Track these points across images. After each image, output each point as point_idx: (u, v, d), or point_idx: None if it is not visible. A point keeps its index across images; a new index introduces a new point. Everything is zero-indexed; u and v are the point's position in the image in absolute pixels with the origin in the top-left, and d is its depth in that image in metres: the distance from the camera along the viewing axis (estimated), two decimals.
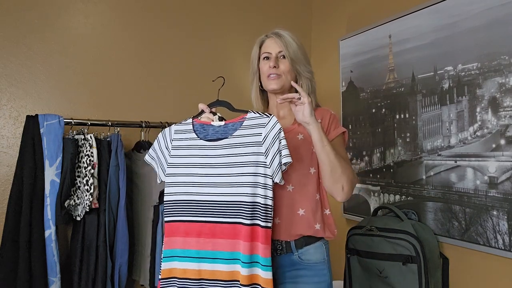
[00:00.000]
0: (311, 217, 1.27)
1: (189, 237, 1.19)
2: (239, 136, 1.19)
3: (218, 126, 1.23)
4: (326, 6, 2.52)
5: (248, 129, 1.20)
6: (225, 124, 1.23)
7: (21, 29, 1.92)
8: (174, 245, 1.20)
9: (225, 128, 1.22)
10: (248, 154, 1.17)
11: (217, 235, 1.16)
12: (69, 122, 1.84)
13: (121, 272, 1.79)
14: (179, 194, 1.21)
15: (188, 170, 1.21)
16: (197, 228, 1.18)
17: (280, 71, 1.33)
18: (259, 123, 1.20)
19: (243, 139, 1.19)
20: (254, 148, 1.17)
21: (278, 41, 1.34)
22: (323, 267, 1.29)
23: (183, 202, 1.20)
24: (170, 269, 1.19)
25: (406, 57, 1.86)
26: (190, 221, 1.19)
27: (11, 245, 1.65)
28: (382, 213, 1.90)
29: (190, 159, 1.22)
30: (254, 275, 1.15)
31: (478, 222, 1.53)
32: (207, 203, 1.18)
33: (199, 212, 1.19)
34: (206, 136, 1.23)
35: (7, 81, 1.89)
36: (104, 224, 1.77)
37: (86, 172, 1.74)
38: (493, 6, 1.49)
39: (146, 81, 2.18)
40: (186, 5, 2.29)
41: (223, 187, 1.16)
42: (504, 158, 1.46)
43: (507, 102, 1.46)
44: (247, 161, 1.16)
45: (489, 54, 1.50)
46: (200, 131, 1.24)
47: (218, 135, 1.22)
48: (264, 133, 1.18)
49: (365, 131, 2.12)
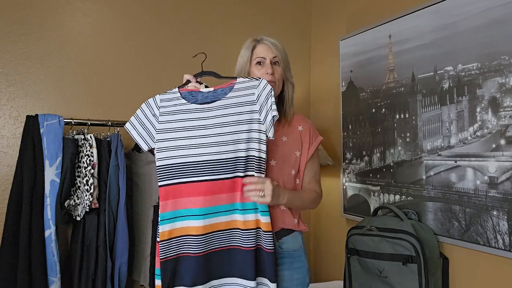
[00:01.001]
0: (291, 212, 1.41)
1: (193, 196, 1.24)
2: (232, 97, 1.27)
3: (207, 92, 1.29)
4: (326, 6, 2.52)
5: (240, 91, 1.28)
6: (214, 90, 1.29)
7: (20, 28, 1.92)
8: (176, 206, 1.24)
9: (215, 93, 1.28)
10: (242, 113, 1.25)
11: (217, 191, 1.24)
12: (69, 122, 1.84)
13: (121, 272, 1.79)
14: (175, 158, 1.24)
15: (182, 134, 1.25)
16: (200, 187, 1.23)
17: (275, 78, 1.41)
18: (250, 85, 1.28)
19: (236, 99, 1.26)
20: (248, 107, 1.25)
21: (272, 47, 1.41)
22: (301, 254, 1.42)
23: (180, 164, 1.24)
24: (171, 230, 1.24)
25: (406, 57, 1.86)
26: (192, 181, 1.24)
27: (11, 245, 1.65)
28: (382, 213, 1.90)
29: (182, 122, 1.26)
30: (254, 220, 1.26)
31: (478, 222, 1.53)
32: (205, 163, 1.23)
33: (199, 172, 1.23)
34: (195, 101, 1.28)
35: (6, 80, 1.89)
36: (104, 224, 1.77)
37: (86, 172, 1.74)
38: (493, 6, 1.49)
39: (146, 81, 2.17)
40: (186, 4, 2.29)
41: (220, 146, 1.23)
42: (504, 158, 1.46)
43: (507, 102, 1.46)
44: (241, 119, 1.24)
45: (489, 54, 1.50)
46: (189, 98, 1.29)
47: (208, 100, 1.28)
48: (257, 93, 1.26)
49: (365, 131, 2.12)
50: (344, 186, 2.27)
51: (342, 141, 2.28)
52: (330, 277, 2.40)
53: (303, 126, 1.48)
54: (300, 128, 1.47)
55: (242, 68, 1.44)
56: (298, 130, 1.47)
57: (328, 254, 2.45)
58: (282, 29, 2.55)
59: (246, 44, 1.46)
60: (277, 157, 1.41)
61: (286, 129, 1.47)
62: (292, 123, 1.48)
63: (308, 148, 1.45)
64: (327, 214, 2.46)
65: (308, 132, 1.47)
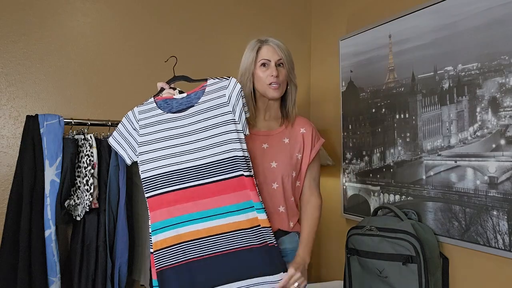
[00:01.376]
0: (287, 215, 1.42)
1: (182, 203, 1.24)
2: (204, 102, 1.27)
3: (181, 98, 1.30)
4: (326, 6, 2.52)
5: (212, 93, 1.28)
6: (188, 95, 1.30)
7: (20, 28, 1.92)
8: (166, 215, 1.25)
9: (188, 99, 1.29)
10: (217, 116, 1.26)
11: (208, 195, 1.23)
12: (69, 122, 1.84)
13: (121, 272, 1.79)
14: (157, 168, 1.26)
15: (162, 144, 1.27)
16: (188, 193, 1.24)
17: (280, 80, 1.41)
18: (221, 86, 1.28)
19: (209, 103, 1.27)
20: (221, 109, 1.26)
21: (277, 49, 1.42)
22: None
23: (163, 174, 1.25)
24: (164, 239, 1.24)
25: (406, 57, 1.86)
26: (178, 189, 1.25)
27: (11, 245, 1.65)
28: (382, 213, 1.90)
29: (161, 133, 1.28)
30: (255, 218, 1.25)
31: (478, 222, 1.53)
32: (188, 170, 1.24)
33: (184, 179, 1.24)
34: (171, 109, 1.29)
35: (6, 80, 1.89)
36: (104, 224, 1.77)
37: (86, 172, 1.74)
38: (493, 6, 1.49)
39: (146, 81, 2.17)
40: (186, 4, 2.29)
41: (201, 151, 1.24)
42: (504, 158, 1.46)
43: (507, 102, 1.46)
44: (218, 122, 1.25)
45: (489, 54, 1.50)
46: (164, 106, 1.30)
47: (183, 106, 1.29)
48: (228, 93, 1.27)
49: (365, 131, 2.12)
50: (344, 186, 2.27)
51: (342, 141, 2.28)
52: (330, 277, 2.40)
53: (306, 128, 1.48)
54: (303, 130, 1.48)
55: (246, 69, 1.44)
56: (300, 132, 1.48)
57: (328, 254, 2.45)
58: (282, 29, 2.55)
59: (251, 45, 1.45)
60: (278, 159, 1.41)
61: (289, 130, 1.47)
62: (294, 125, 1.48)
63: (310, 150, 1.46)
64: (327, 214, 2.45)
65: (311, 134, 1.48)
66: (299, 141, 1.46)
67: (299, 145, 1.46)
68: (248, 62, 1.44)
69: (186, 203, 1.24)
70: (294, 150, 1.45)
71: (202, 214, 1.23)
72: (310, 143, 1.46)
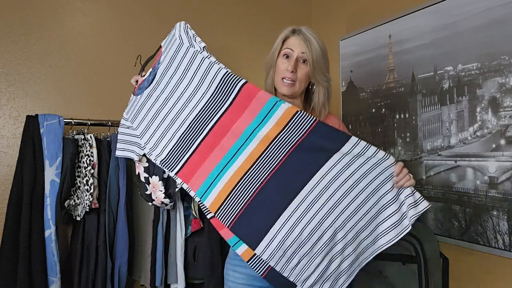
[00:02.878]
0: None
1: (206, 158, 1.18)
2: (164, 61, 1.24)
3: (148, 74, 1.30)
4: (326, 6, 2.52)
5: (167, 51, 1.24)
6: (152, 68, 1.30)
7: (20, 28, 1.92)
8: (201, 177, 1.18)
9: (153, 70, 1.28)
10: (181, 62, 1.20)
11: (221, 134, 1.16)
12: (69, 122, 1.84)
13: (121, 272, 1.79)
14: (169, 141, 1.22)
15: (158, 120, 1.24)
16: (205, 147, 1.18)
17: (295, 76, 1.29)
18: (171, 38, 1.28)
19: (168, 57, 1.24)
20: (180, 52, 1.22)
21: (305, 43, 1.28)
22: None
23: (176, 143, 1.21)
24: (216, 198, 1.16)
25: (406, 57, 1.86)
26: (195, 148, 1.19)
27: (11, 245, 1.65)
28: None
29: (150, 113, 1.26)
30: (279, 117, 1.13)
31: (478, 222, 1.53)
32: (193, 123, 1.19)
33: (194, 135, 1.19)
34: (146, 88, 1.29)
35: (6, 80, 1.89)
36: (104, 224, 1.77)
37: (86, 172, 1.74)
38: (493, 6, 1.49)
39: None
40: (186, 4, 2.29)
41: (191, 101, 1.18)
42: (504, 158, 1.46)
43: (507, 102, 1.46)
44: (185, 67, 1.19)
45: (489, 54, 1.50)
46: (141, 91, 1.30)
47: (151, 78, 1.27)
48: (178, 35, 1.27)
49: (365, 131, 2.12)
50: None
51: None
52: None
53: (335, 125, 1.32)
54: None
55: (270, 58, 1.35)
56: None
57: None
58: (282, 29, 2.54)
59: (282, 32, 1.34)
60: None
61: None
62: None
63: None
64: None
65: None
66: None
67: None
68: (273, 50, 1.34)
69: (212, 153, 1.16)
70: None
71: (232, 151, 1.15)
72: None
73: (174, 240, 1.81)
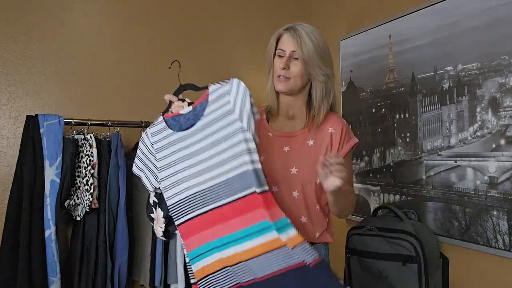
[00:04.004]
0: (312, 225, 1.28)
1: (204, 230, 1.14)
2: (209, 113, 1.14)
3: (187, 112, 1.19)
4: (326, 6, 2.52)
5: (216, 102, 1.13)
6: (194, 108, 1.18)
7: (20, 28, 1.92)
8: (200, 241, 1.15)
9: (195, 112, 1.18)
10: (224, 127, 1.11)
11: (232, 215, 1.10)
12: (69, 122, 1.84)
13: (121, 272, 1.79)
14: (179, 193, 1.17)
15: (177, 167, 1.18)
16: (207, 218, 1.13)
17: (290, 73, 1.27)
18: (223, 92, 1.13)
19: (214, 114, 1.13)
20: (227, 118, 1.11)
21: (295, 39, 1.25)
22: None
23: (185, 199, 1.16)
24: (206, 266, 1.14)
25: (406, 57, 1.86)
26: (203, 212, 1.14)
27: (11, 245, 1.65)
28: (382, 213, 1.90)
29: (175, 155, 1.19)
30: (272, 241, 1.07)
31: (478, 222, 1.53)
32: (205, 191, 1.13)
33: (202, 202, 1.14)
34: (180, 127, 1.19)
35: (6, 80, 1.89)
36: (104, 224, 1.77)
37: (86, 172, 1.74)
38: (493, 6, 1.49)
39: (146, 81, 2.17)
40: (185, 5, 2.29)
41: (212, 170, 1.12)
42: (504, 158, 1.46)
43: (507, 102, 1.46)
44: (225, 135, 1.10)
45: (489, 54, 1.50)
46: (174, 125, 1.21)
47: (190, 122, 1.17)
48: (233, 99, 1.11)
49: (365, 131, 2.12)
50: None
51: None
52: None
53: (335, 127, 1.29)
54: (331, 130, 1.29)
55: (268, 59, 1.33)
56: (328, 132, 1.29)
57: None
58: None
59: (275, 33, 1.32)
60: (300, 164, 1.26)
61: (314, 132, 1.30)
62: (322, 124, 1.30)
63: (337, 151, 1.28)
64: None
65: (340, 133, 1.29)
66: (326, 142, 1.28)
67: (325, 146, 1.28)
68: (269, 52, 1.32)
69: (216, 226, 1.12)
70: (320, 153, 1.26)
71: (220, 241, 1.12)
72: (338, 143, 1.28)
73: (174, 240, 1.81)
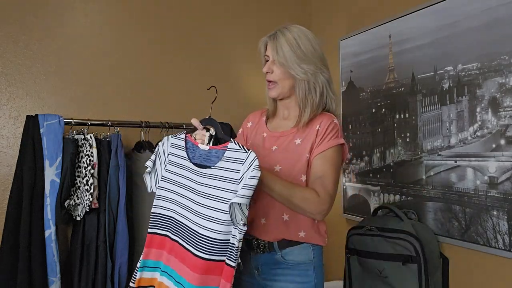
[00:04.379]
0: (295, 224, 1.27)
1: (162, 249, 1.21)
2: (220, 169, 1.15)
3: (203, 150, 1.21)
4: (326, 6, 2.52)
5: (229, 162, 1.14)
6: (209, 150, 1.20)
7: (20, 28, 1.92)
8: (149, 256, 1.23)
9: (209, 154, 1.20)
10: (225, 190, 1.11)
11: (185, 262, 1.14)
12: (69, 122, 1.84)
13: (121, 272, 1.79)
14: (163, 208, 1.23)
15: (175, 188, 1.22)
16: (170, 244, 1.19)
17: (274, 77, 1.31)
18: (238, 158, 1.13)
19: (223, 172, 1.14)
20: (231, 185, 1.11)
21: (272, 44, 1.30)
22: (308, 268, 1.28)
23: (164, 216, 1.22)
24: (141, 279, 1.22)
25: (406, 57, 1.86)
26: (166, 235, 1.21)
27: (11, 245, 1.65)
28: (382, 213, 1.90)
29: (179, 178, 1.22)
30: None
31: (478, 222, 1.53)
32: (180, 224, 1.18)
33: (174, 229, 1.20)
34: (193, 157, 1.22)
35: (7, 80, 1.89)
36: (104, 224, 1.77)
37: (86, 172, 1.74)
38: (493, 6, 1.49)
39: (146, 81, 2.17)
40: (186, 4, 2.29)
41: (198, 217, 1.13)
42: (504, 158, 1.46)
43: (507, 102, 1.46)
44: (223, 197, 1.10)
45: (489, 54, 1.50)
46: (191, 151, 1.24)
47: (202, 160, 1.21)
48: (242, 171, 1.11)
49: (365, 131, 2.12)
50: (344, 186, 2.27)
51: None
52: (330, 277, 2.40)
53: (322, 124, 1.28)
54: (318, 127, 1.28)
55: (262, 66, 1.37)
56: (315, 129, 1.28)
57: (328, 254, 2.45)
58: None
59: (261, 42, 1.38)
60: (283, 163, 1.28)
61: (303, 130, 1.30)
62: (312, 123, 1.30)
63: (317, 147, 1.26)
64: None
65: (324, 129, 1.27)
66: (311, 139, 1.27)
67: (311, 144, 1.27)
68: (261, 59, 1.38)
69: (169, 254, 1.19)
70: (305, 151, 1.27)
71: (171, 272, 1.18)
72: (321, 138, 1.26)
73: None
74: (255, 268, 1.31)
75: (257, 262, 1.30)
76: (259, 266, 1.30)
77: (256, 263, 1.31)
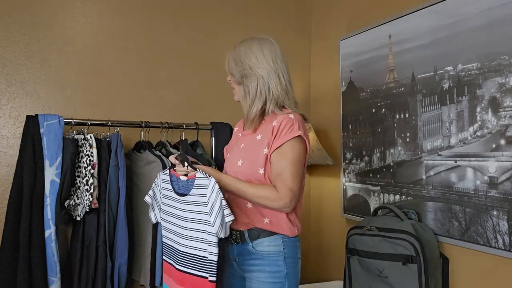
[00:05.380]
0: (258, 211, 1.38)
1: (168, 276, 1.41)
2: (193, 195, 1.30)
3: (183, 181, 1.35)
4: (326, 6, 2.52)
5: (198, 188, 1.29)
6: (187, 180, 1.33)
7: (20, 28, 1.92)
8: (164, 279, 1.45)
9: (187, 183, 1.33)
10: (198, 212, 1.28)
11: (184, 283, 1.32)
12: (69, 122, 1.84)
13: (121, 272, 1.79)
14: (164, 237, 1.43)
15: (167, 217, 1.41)
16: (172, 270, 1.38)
17: (232, 84, 1.49)
18: (203, 184, 1.28)
19: (195, 197, 1.30)
20: (201, 207, 1.27)
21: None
22: (278, 259, 1.36)
23: (166, 244, 1.42)
24: None
25: (406, 57, 1.86)
26: (168, 262, 1.41)
27: (11, 245, 1.65)
28: (382, 213, 1.90)
29: (168, 208, 1.40)
30: None
31: (478, 222, 1.53)
32: (174, 249, 1.37)
33: (172, 256, 1.38)
34: (178, 188, 1.36)
35: (6, 80, 1.89)
36: (104, 224, 1.77)
37: (86, 172, 1.74)
38: (493, 6, 1.49)
39: (146, 81, 2.18)
40: (185, 4, 2.29)
41: (183, 239, 1.33)
42: (504, 158, 1.46)
43: (507, 102, 1.46)
44: (197, 218, 1.28)
45: (489, 54, 1.50)
46: (176, 183, 1.38)
47: (183, 190, 1.34)
48: (208, 195, 1.26)
49: (365, 131, 2.12)
50: (344, 186, 2.27)
51: (342, 141, 2.28)
52: (330, 277, 2.40)
53: (278, 121, 1.35)
54: (275, 123, 1.35)
55: None
56: (272, 125, 1.36)
57: (328, 254, 2.45)
58: (282, 29, 2.55)
59: None
60: (245, 157, 1.40)
61: (263, 126, 1.41)
62: (271, 120, 1.38)
63: (274, 142, 1.34)
64: (327, 214, 2.46)
65: (279, 125, 1.34)
66: (269, 135, 1.36)
67: (268, 140, 1.36)
68: None
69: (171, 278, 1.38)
70: (263, 145, 1.36)
71: None
72: (276, 134, 1.34)
73: None
74: (233, 259, 1.44)
75: (234, 253, 1.43)
76: (236, 257, 1.43)
77: (233, 254, 1.43)
